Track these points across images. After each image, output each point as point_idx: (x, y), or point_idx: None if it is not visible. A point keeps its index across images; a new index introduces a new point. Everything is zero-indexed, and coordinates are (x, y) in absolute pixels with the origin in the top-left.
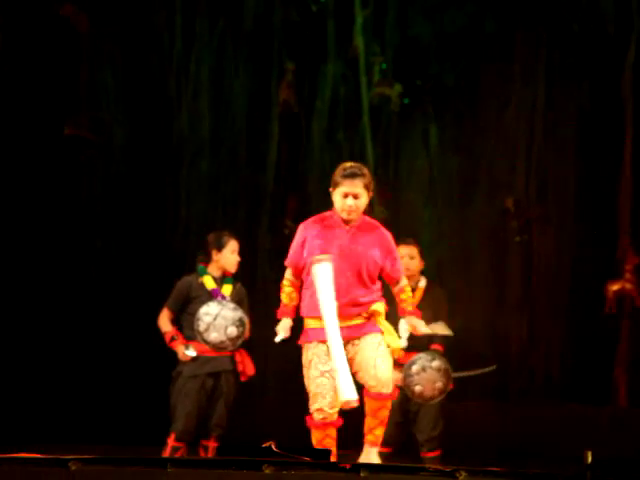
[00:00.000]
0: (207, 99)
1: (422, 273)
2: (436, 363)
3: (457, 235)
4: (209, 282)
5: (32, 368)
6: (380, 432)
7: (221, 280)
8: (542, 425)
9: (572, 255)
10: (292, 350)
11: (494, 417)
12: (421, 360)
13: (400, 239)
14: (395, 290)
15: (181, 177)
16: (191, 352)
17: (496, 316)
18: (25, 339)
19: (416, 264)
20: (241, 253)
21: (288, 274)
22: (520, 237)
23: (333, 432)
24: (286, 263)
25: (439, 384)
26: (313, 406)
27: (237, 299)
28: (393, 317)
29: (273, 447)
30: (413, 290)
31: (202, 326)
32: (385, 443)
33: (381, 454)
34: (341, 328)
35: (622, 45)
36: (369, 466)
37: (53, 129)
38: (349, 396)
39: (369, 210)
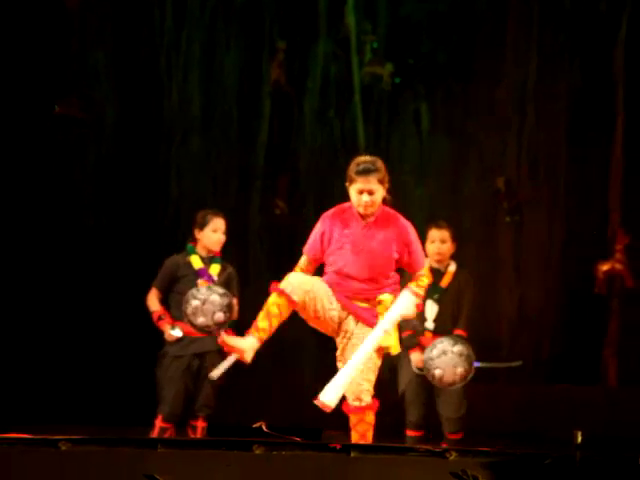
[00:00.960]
0: (198, 77)
1: (452, 257)
2: (458, 348)
3: (448, 215)
4: (196, 261)
5: (21, 349)
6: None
7: (209, 260)
8: (531, 406)
9: (562, 235)
10: (282, 331)
11: (483, 398)
12: (443, 344)
13: (432, 222)
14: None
15: (172, 155)
16: (177, 332)
17: (486, 296)
18: (12, 319)
19: (447, 248)
20: (231, 232)
21: (303, 262)
22: (511, 217)
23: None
24: (304, 251)
25: (460, 369)
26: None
27: (225, 280)
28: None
29: (263, 427)
30: (442, 274)
31: (189, 309)
32: (416, 426)
33: (413, 438)
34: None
35: (613, 23)
36: (359, 446)
37: (43, 108)
38: (329, 400)
39: None
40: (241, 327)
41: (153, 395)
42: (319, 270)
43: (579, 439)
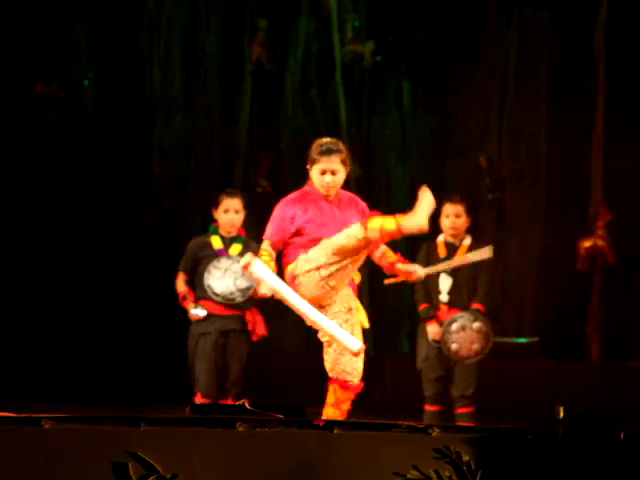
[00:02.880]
0: (179, 56)
1: (467, 231)
2: (477, 324)
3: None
4: (216, 242)
5: (6, 327)
6: (329, 412)
7: (230, 240)
8: (514, 381)
9: (544, 212)
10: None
11: None
12: (463, 319)
13: (447, 197)
14: (377, 256)
15: (154, 134)
16: (199, 311)
17: None
18: None
19: (462, 222)
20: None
21: (266, 245)
22: (493, 194)
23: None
24: (267, 236)
25: (476, 345)
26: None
27: None
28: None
29: (246, 405)
30: (457, 247)
31: (211, 279)
32: (433, 401)
33: (432, 412)
34: None
35: (594, 2)
36: (342, 423)
37: (24, 87)
38: (357, 345)
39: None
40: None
41: (139, 373)
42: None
43: (561, 414)
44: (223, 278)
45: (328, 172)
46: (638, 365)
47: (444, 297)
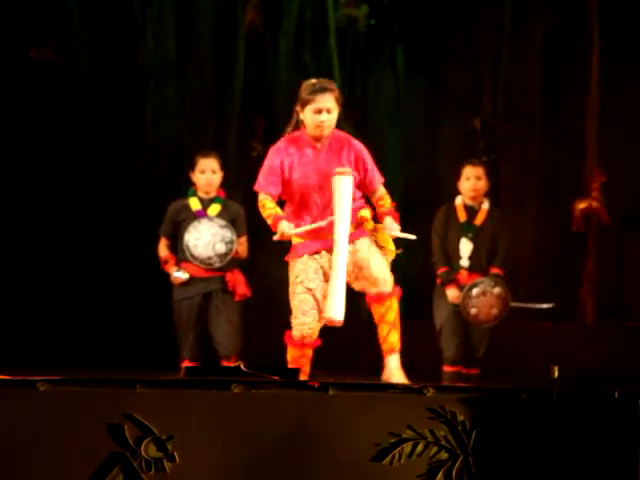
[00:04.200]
0: (173, 21)
1: (486, 195)
2: (498, 290)
3: (425, 155)
4: (194, 203)
5: (2, 292)
6: (394, 337)
7: (209, 201)
8: (509, 342)
9: (539, 174)
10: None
11: None
12: (484, 284)
13: (467, 160)
14: (374, 200)
15: (147, 100)
16: (181, 274)
17: None
18: None
19: (482, 185)
20: None
21: (262, 197)
22: (487, 157)
23: (309, 352)
24: (258, 187)
25: (495, 310)
26: (293, 322)
27: (229, 219)
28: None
29: (242, 367)
30: (477, 211)
31: (191, 241)
32: (453, 362)
33: (451, 373)
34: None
35: None
36: (337, 384)
37: (17, 53)
38: (336, 315)
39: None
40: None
41: (131, 338)
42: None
43: (556, 374)
44: (202, 241)
45: (324, 110)
46: (633, 326)
47: (465, 262)
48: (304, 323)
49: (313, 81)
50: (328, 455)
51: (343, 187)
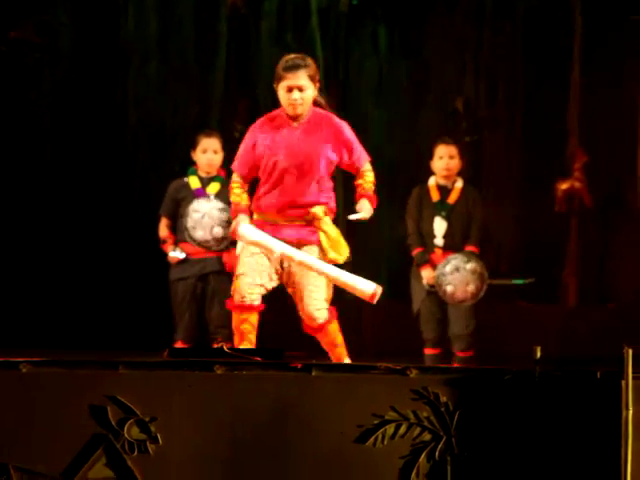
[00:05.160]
0: (154, 1)
1: (459, 174)
2: (471, 265)
3: (407, 136)
4: (194, 182)
5: None
6: (341, 350)
7: (209, 180)
8: (492, 323)
9: (522, 154)
10: None
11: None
12: (456, 260)
13: (439, 139)
14: (357, 178)
15: (129, 80)
16: (177, 253)
17: None
18: None
19: (455, 163)
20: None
21: (236, 177)
22: (470, 137)
23: (253, 318)
24: (233, 167)
25: (471, 287)
26: (232, 286)
27: (228, 198)
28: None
29: (224, 348)
30: (450, 190)
31: (190, 222)
32: (433, 344)
33: (432, 356)
34: (281, 226)
35: None
36: (320, 365)
37: None
38: (371, 288)
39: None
40: None
41: (116, 319)
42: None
43: (538, 354)
44: (200, 224)
45: (295, 89)
46: (615, 307)
47: (439, 241)
48: (243, 284)
49: (289, 56)
50: (311, 436)
51: (251, 233)
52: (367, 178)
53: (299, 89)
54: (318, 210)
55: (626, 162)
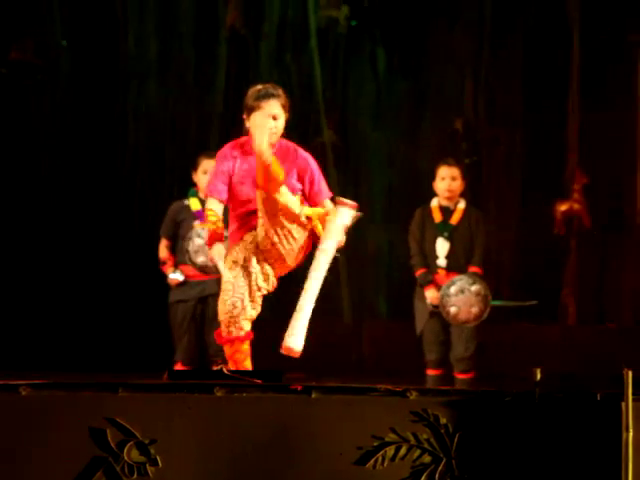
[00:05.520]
0: (154, 22)
1: (462, 195)
2: (476, 287)
3: (406, 157)
4: (194, 204)
5: None
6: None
7: None
8: (491, 344)
9: (521, 176)
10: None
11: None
12: (461, 282)
13: (442, 160)
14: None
15: (128, 101)
16: (177, 275)
17: None
18: None
19: (457, 185)
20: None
21: (212, 204)
22: (469, 159)
23: (245, 346)
24: (207, 193)
25: (475, 309)
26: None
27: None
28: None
29: (224, 370)
30: (452, 211)
31: (191, 246)
32: (436, 365)
33: (434, 377)
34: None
35: None
36: (320, 388)
37: None
38: (295, 345)
39: (319, 134)
40: None
41: (115, 340)
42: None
43: (538, 376)
44: (203, 249)
45: (270, 117)
46: (614, 327)
47: (442, 261)
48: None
49: (258, 86)
50: (311, 458)
51: (345, 219)
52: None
53: (273, 118)
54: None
55: (626, 180)
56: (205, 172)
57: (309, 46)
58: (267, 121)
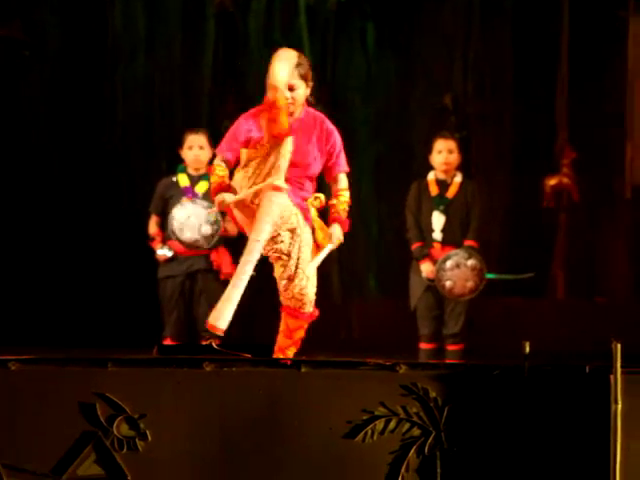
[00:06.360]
0: None
1: (458, 168)
2: (472, 262)
3: (395, 132)
4: (183, 180)
5: None
6: (291, 353)
7: (198, 178)
8: (480, 318)
9: (510, 150)
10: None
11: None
12: (457, 256)
13: (438, 133)
14: (333, 190)
15: (117, 77)
16: (166, 251)
17: None
18: None
19: (454, 158)
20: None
21: (219, 160)
22: (459, 133)
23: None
24: (219, 150)
25: (470, 283)
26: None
27: None
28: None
29: (213, 345)
30: (449, 185)
31: (176, 225)
32: (429, 339)
33: (427, 350)
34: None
35: None
36: (310, 362)
37: None
38: (220, 323)
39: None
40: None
41: (106, 315)
42: None
43: (527, 350)
44: (187, 225)
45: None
46: (603, 301)
47: (437, 235)
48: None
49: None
50: (300, 432)
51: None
52: (342, 198)
53: (290, 88)
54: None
55: (615, 154)
56: (190, 148)
57: (298, 22)
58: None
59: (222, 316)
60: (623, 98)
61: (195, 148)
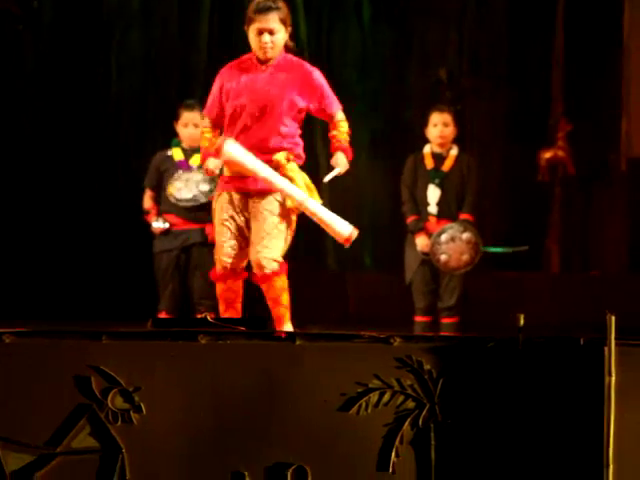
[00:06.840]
0: None
1: (454, 141)
2: (467, 235)
3: (391, 106)
4: (177, 154)
5: None
6: (284, 312)
7: (192, 151)
8: (475, 291)
9: (505, 123)
10: None
11: None
12: (452, 230)
13: (434, 106)
14: (331, 127)
15: (112, 51)
16: (160, 224)
17: None
18: None
19: (450, 131)
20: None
21: (206, 122)
22: (454, 107)
23: (236, 285)
24: (204, 112)
25: (465, 256)
26: (215, 257)
27: None
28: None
29: (208, 318)
30: (444, 158)
31: (173, 189)
32: (424, 312)
33: (422, 323)
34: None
35: None
36: (304, 334)
37: None
38: (348, 230)
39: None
40: None
41: (99, 288)
42: None
43: (522, 322)
44: (186, 186)
45: (265, 32)
46: (597, 274)
47: (433, 208)
48: (221, 254)
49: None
50: (295, 405)
51: (235, 151)
52: (341, 129)
53: (270, 32)
54: (280, 156)
55: (610, 127)
56: (186, 125)
57: None
58: (258, 38)
59: (343, 223)
60: (619, 70)
61: (190, 126)
